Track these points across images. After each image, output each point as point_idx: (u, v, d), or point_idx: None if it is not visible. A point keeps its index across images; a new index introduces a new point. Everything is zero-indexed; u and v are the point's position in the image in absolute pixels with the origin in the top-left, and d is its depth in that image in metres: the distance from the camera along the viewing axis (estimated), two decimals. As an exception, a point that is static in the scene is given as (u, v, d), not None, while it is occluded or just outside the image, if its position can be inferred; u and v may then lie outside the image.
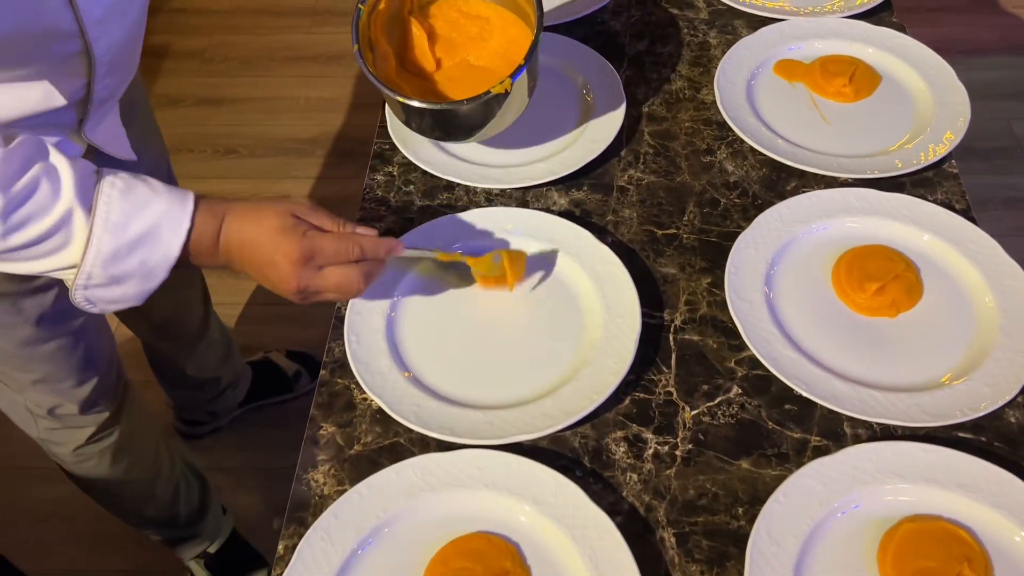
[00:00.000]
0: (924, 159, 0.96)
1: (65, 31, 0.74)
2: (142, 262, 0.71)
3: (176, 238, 0.71)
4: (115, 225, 0.69)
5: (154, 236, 0.71)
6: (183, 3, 2.53)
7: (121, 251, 0.70)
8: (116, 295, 0.72)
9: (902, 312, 0.85)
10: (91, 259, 0.69)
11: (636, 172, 1.00)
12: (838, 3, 1.17)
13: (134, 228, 0.70)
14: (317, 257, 0.74)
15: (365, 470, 0.76)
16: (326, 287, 0.75)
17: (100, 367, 1.06)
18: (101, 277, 0.70)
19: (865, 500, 0.72)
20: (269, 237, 0.74)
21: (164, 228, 0.71)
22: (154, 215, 0.71)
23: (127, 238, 0.70)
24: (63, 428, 1.09)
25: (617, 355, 0.81)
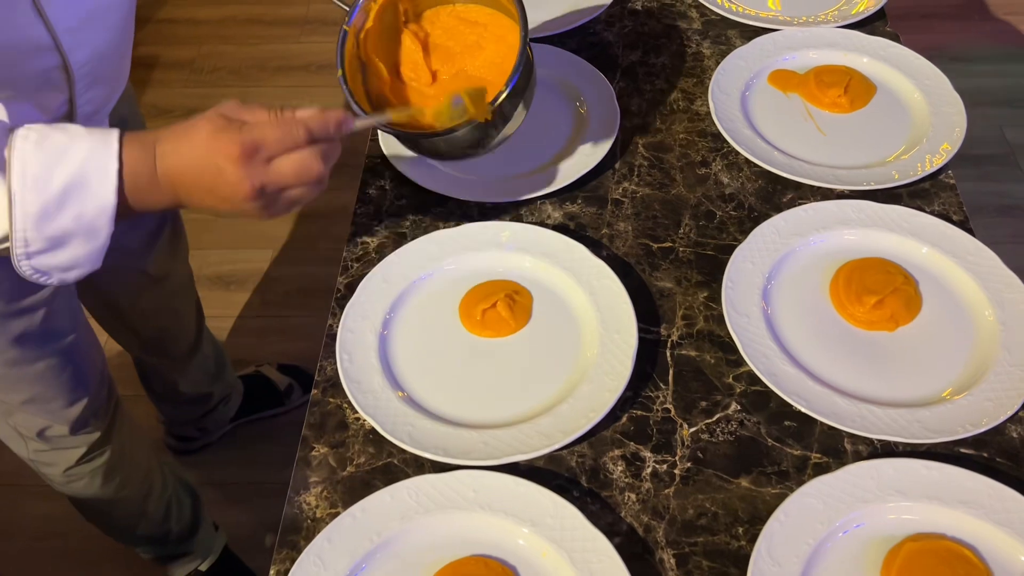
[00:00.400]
0: (921, 170, 0.95)
1: (38, 43, 0.72)
2: (78, 216, 0.64)
3: (107, 182, 0.64)
4: (35, 179, 0.63)
5: (82, 185, 0.64)
6: (171, 13, 2.51)
7: (50, 207, 0.63)
8: (64, 260, 0.66)
9: (901, 326, 0.84)
10: (20, 222, 0.63)
11: (631, 185, 0.99)
12: (832, 12, 1.17)
13: (57, 179, 0.63)
14: (262, 149, 0.66)
15: (358, 492, 0.75)
16: (283, 178, 0.67)
17: (90, 386, 1.04)
18: (39, 241, 0.64)
19: (867, 519, 0.71)
20: (205, 146, 0.66)
21: (92, 173, 0.64)
22: (76, 161, 0.64)
23: (52, 191, 0.63)
24: (53, 449, 1.07)
25: (614, 372, 0.80)
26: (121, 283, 1.15)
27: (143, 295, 1.20)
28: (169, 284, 1.23)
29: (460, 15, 0.96)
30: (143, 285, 1.19)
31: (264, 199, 0.68)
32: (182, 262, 1.27)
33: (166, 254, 1.20)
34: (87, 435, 1.08)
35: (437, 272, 0.89)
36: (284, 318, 1.80)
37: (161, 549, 1.33)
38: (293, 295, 1.83)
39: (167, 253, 1.20)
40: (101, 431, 1.09)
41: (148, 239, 1.15)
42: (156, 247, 1.16)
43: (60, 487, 1.14)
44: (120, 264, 1.11)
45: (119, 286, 1.15)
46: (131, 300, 1.20)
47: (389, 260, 0.90)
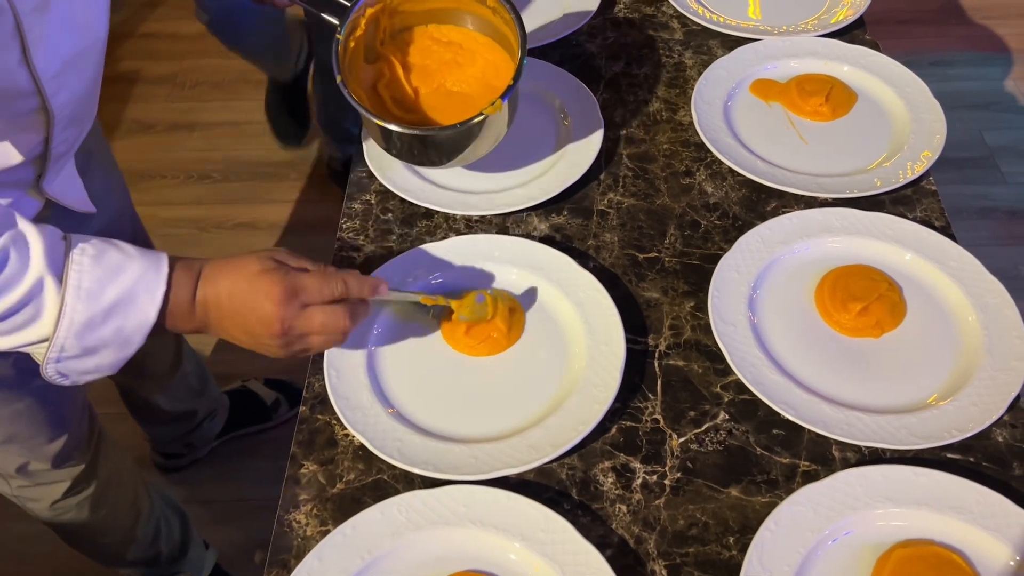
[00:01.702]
0: (903, 177, 0.96)
1: (22, 89, 0.72)
2: (117, 330, 0.67)
3: (152, 302, 0.68)
4: (88, 293, 0.66)
5: (129, 302, 0.67)
6: (152, 28, 2.50)
7: (95, 320, 0.66)
8: (90, 366, 0.69)
9: (886, 332, 0.85)
10: (64, 330, 0.65)
11: (616, 196, 1.00)
12: (812, 22, 1.18)
13: (108, 295, 0.66)
14: (301, 294, 0.71)
15: (348, 509, 0.75)
16: (311, 327, 0.72)
17: (71, 421, 1.03)
18: (75, 348, 0.67)
19: (856, 526, 0.71)
20: (249, 280, 0.71)
21: (140, 292, 0.68)
22: (128, 280, 0.67)
23: (101, 306, 0.66)
24: (36, 485, 1.06)
25: (602, 383, 0.80)
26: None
27: None
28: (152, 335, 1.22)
29: (433, 35, 0.98)
30: None
31: (287, 339, 0.72)
32: None
33: None
34: (71, 468, 1.06)
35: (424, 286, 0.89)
36: (270, 332, 1.79)
37: (151, 571, 1.32)
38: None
39: None
40: (85, 463, 1.08)
41: None
42: None
43: (47, 519, 1.12)
44: None
45: None
46: None
47: (375, 275, 0.89)
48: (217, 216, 2.02)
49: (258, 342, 0.73)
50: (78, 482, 1.08)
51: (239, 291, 0.71)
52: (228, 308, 0.71)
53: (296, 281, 0.71)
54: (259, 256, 0.72)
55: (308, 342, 0.73)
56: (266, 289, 0.70)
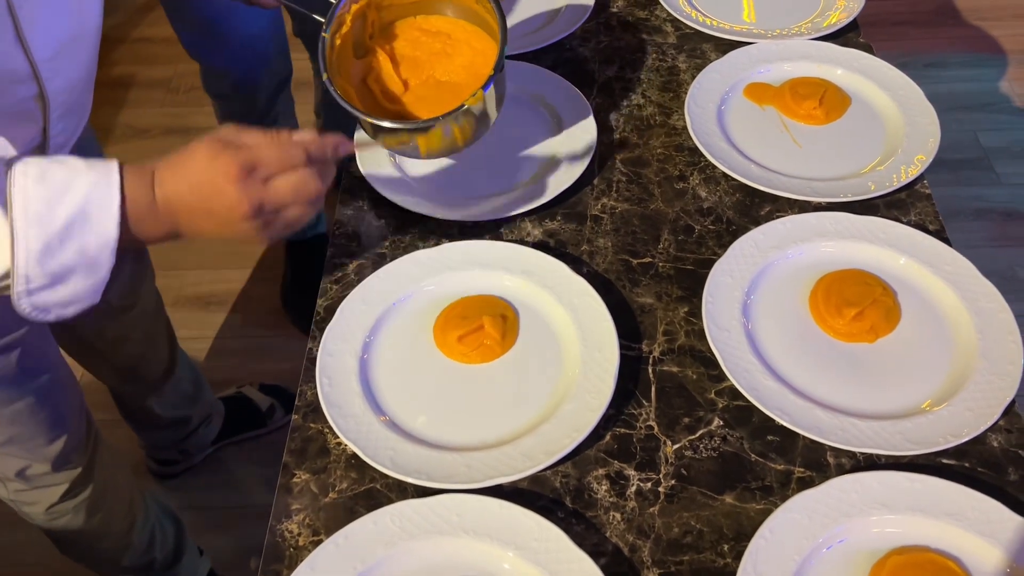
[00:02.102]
0: (897, 181, 0.96)
1: (18, 73, 0.71)
2: (80, 251, 0.63)
3: (109, 216, 0.64)
4: (37, 215, 0.61)
5: (85, 219, 0.63)
6: (147, 32, 2.50)
7: (53, 243, 0.62)
8: (65, 295, 0.65)
9: (881, 337, 0.84)
10: (22, 259, 0.62)
11: (609, 200, 0.99)
12: (805, 25, 1.18)
13: (60, 215, 0.62)
14: (260, 168, 0.67)
15: (341, 519, 0.74)
16: (280, 197, 0.68)
17: (70, 422, 1.03)
18: (41, 277, 0.63)
19: (851, 533, 0.71)
20: (203, 168, 0.66)
21: (94, 207, 0.63)
22: (79, 196, 0.63)
23: (55, 227, 0.62)
24: (33, 488, 1.05)
25: (596, 390, 0.80)
26: (87, 315, 1.14)
27: (110, 325, 1.19)
28: (136, 311, 1.22)
29: (422, 26, 0.97)
30: (109, 315, 1.17)
31: (262, 218, 0.68)
32: (148, 288, 1.25)
33: (130, 281, 1.18)
34: (69, 471, 1.06)
35: (417, 293, 0.89)
36: (265, 338, 1.79)
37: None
38: (274, 314, 1.82)
39: (131, 280, 1.19)
40: (83, 466, 1.08)
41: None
42: (119, 276, 1.15)
43: (42, 524, 1.12)
44: None
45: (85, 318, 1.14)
46: (99, 331, 1.18)
47: (368, 282, 0.89)
48: (211, 221, 2.01)
49: (234, 228, 0.68)
50: (75, 485, 1.08)
51: (198, 182, 0.66)
52: (192, 203, 0.67)
53: (252, 155, 0.67)
54: (204, 142, 0.67)
55: (284, 216, 0.69)
56: (223, 170, 0.66)
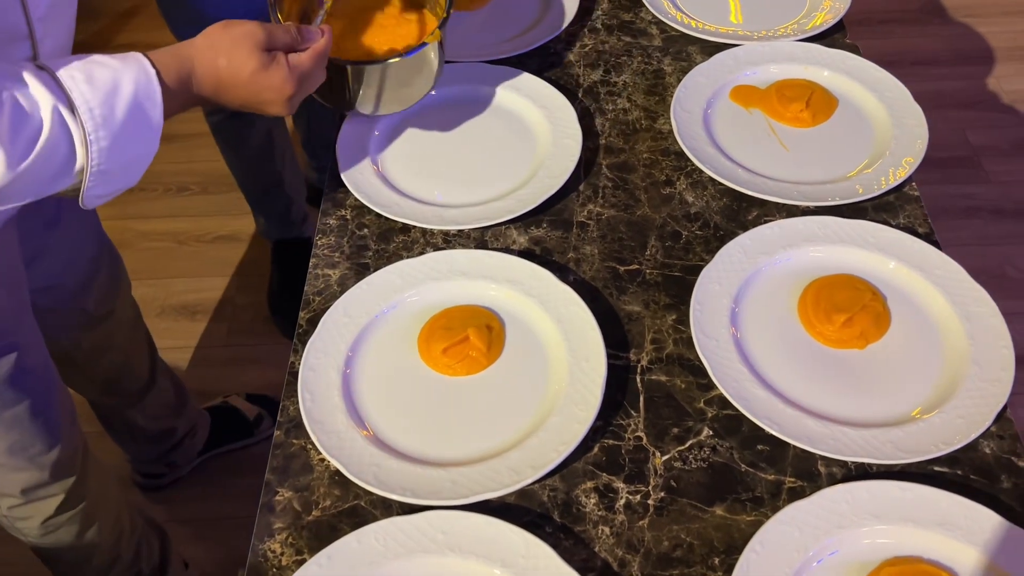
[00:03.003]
0: (885, 184, 0.95)
1: (15, 31, 0.72)
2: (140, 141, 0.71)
3: (156, 108, 0.71)
4: (103, 118, 0.68)
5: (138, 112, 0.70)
6: (129, 39, 2.48)
7: (118, 140, 0.69)
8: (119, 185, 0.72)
9: (871, 343, 0.83)
10: (95, 157, 0.68)
11: (595, 207, 0.98)
12: (791, 26, 1.17)
13: (119, 113, 0.69)
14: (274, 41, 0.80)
15: (325, 537, 0.73)
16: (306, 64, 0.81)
17: (64, 430, 1.02)
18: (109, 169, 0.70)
19: (843, 545, 0.70)
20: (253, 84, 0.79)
21: (143, 100, 0.70)
22: (128, 91, 0.69)
23: (117, 125, 0.69)
24: (30, 503, 1.04)
25: (584, 401, 0.79)
26: (65, 325, 1.13)
27: (88, 335, 1.18)
28: (113, 321, 1.21)
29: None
30: (86, 324, 1.17)
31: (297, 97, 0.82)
32: (124, 297, 1.24)
33: (106, 290, 1.18)
34: (64, 481, 1.05)
35: (401, 304, 0.88)
36: (252, 347, 1.77)
37: (130, 591, 1.29)
38: (260, 323, 1.80)
39: (107, 289, 1.18)
40: (76, 476, 1.07)
41: (86, 277, 1.13)
42: (95, 284, 1.14)
43: (35, 540, 1.10)
44: (61, 306, 1.09)
45: (63, 329, 1.13)
46: (77, 342, 1.17)
47: (351, 293, 0.88)
48: (196, 229, 1.99)
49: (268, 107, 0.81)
50: (70, 496, 1.07)
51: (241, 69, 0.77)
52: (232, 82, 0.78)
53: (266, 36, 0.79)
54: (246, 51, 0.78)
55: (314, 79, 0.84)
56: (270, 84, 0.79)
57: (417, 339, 0.85)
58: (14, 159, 0.64)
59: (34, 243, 0.99)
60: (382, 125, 1.06)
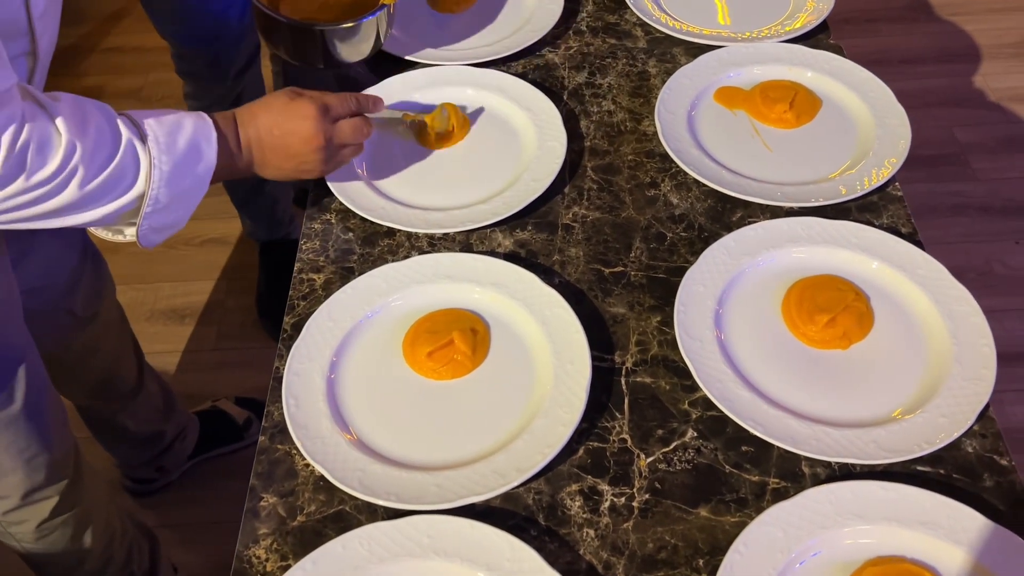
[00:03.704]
0: (868, 184, 0.96)
1: (17, 26, 0.74)
2: (194, 176, 0.79)
3: (211, 147, 0.81)
4: (167, 146, 0.77)
5: (196, 148, 0.79)
6: (117, 42, 2.47)
7: (179, 168, 0.77)
8: (171, 219, 0.80)
9: (854, 343, 0.84)
10: (156, 181, 0.76)
11: (580, 209, 0.98)
12: (775, 27, 1.17)
13: (180, 145, 0.78)
14: (331, 110, 0.89)
15: (309, 543, 0.73)
16: (343, 135, 0.90)
17: (59, 431, 1.03)
18: (166, 198, 0.77)
19: (826, 545, 0.70)
20: (283, 110, 0.86)
21: (200, 139, 0.80)
22: (189, 130, 0.79)
23: (178, 155, 0.77)
24: (25, 506, 1.04)
25: (568, 404, 0.79)
26: (51, 326, 1.13)
27: (75, 338, 1.18)
28: (99, 323, 1.21)
29: None
30: (73, 327, 1.17)
31: (328, 152, 0.90)
32: (109, 299, 1.25)
33: (91, 291, 1.18)
34: (59, 484, 1.05)
35: (385, 308, 0.88)
36: (241, 350, 1.77)
37: (120, 596, 1.29)
38: (249, 326, 1.80)
39: (92, 290, 1.18)
40: (69, 478, 1.07)
41: (72, 278, 1.13)
42: (80, 285, 1.15)
43: (29, 546, 1.10)
44: (48, 307, 1.09)
45: (50, 331, 1.13)
46: (64, 345, 1.17)
47: (335, 298, 0.88)
48: (185, 232, 1.96)
49: (302, 163, 0.89)
50: (65, 498, 1.07)
51: (278, 122, 0.86)
52: (271, 141, 0.86)
53: (323, 99, 0.89)
54: (282, 91, 0.88)
55: (343, 154, 0.93)
56: (303, 112, 0.87)
57: (402, 343, 0.85)
58: (87, 178, 0.73)
59: (19, 245, 0.99)
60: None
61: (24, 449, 0.98)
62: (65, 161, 0.71)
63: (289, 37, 1.03)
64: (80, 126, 0.72)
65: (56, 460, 1.03)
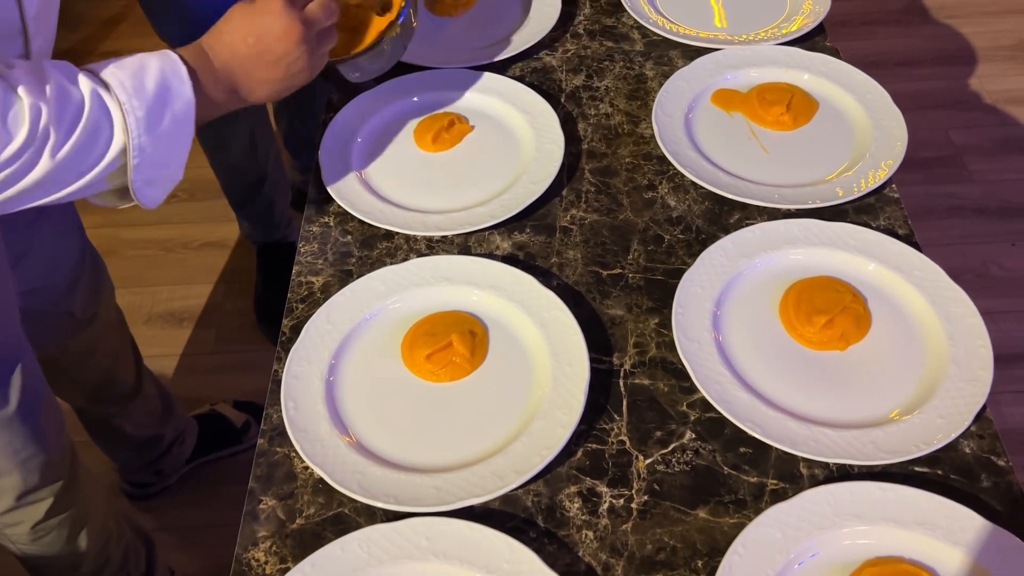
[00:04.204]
0: (864, 186, 0.96)
1: (10, 28, 0.74)
2: (172, 116, 0.73)
3: (183, 83, 0.74)
4: (135, 89, 0.71)
5: (167, 87, 0.73)
6: (114, 47, 2.47)
7: (153, 110, 0.71)
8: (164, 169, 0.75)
9: (852, 344, 0.84)
10: (134, 129, 0.70)
11: (578, 211, 0.98)
12: (772, 30, 1.17)
13: (149, 87, 0.71)
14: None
15: (309, 545, 0.73)
16: (317, 17, 0.82)
17: (53, 432, 1.03)
18: (150, 145, 0.72)
19: (824, 546, 0.70)
20: (245, 15, 0.79)
21: (169, 77, 0.73)
22: (154, 70, 0.72)
23: (150, 97, 0.71)
24: (20, 508, 1.04)
25: (567, 406, 0.79)
26: (50, 327, 1.13)
27: (74, 339, 1.19)
28: (98, 324, 1.21)
29: None
30: (71, 328, 1.17)
31: (310, 43, 0.82)
32: (107, 301, 1.25)
33: (90, 292, 1.18)
34: (53, 485, 1.05)
35: (384, 310, 0.88)
36: (239, 353, 1.77)
37: (118, 600, 1.29)
38: (247, 329, 1.80)
39: (91, 292, 1.18)
40: (64, 479, 1.07)
41: (71, 279, 1.13)
42: (79, 286, 1.15)
43: (24, 548, 1.10)
44: (47, 308, 1.09)
45: (49, 332, 1.13)
46: (63, 346, 1.18)
47: (334, 300, 0.88)
48: (183, 236, 1.99)
49: (290, 63, 0.81)
50: (59, 499, 1.07)
51: (247, 31, 0.79)
52: (247, 51, 0.79)
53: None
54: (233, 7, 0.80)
55: (325, 37, 0.85)
56: (267, 8, 0.79)
57: (401, 345, 0.85)
58: (59, 143, 0.67)
59: (18, 245, 0.99)
60: (365, 132, 1.06)
61: (19, 450, 0.98)
62: (33, 128, 0.66)
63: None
64: (39, 87, 0.67)
65: (52, 462, 1.03)
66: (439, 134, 1.04)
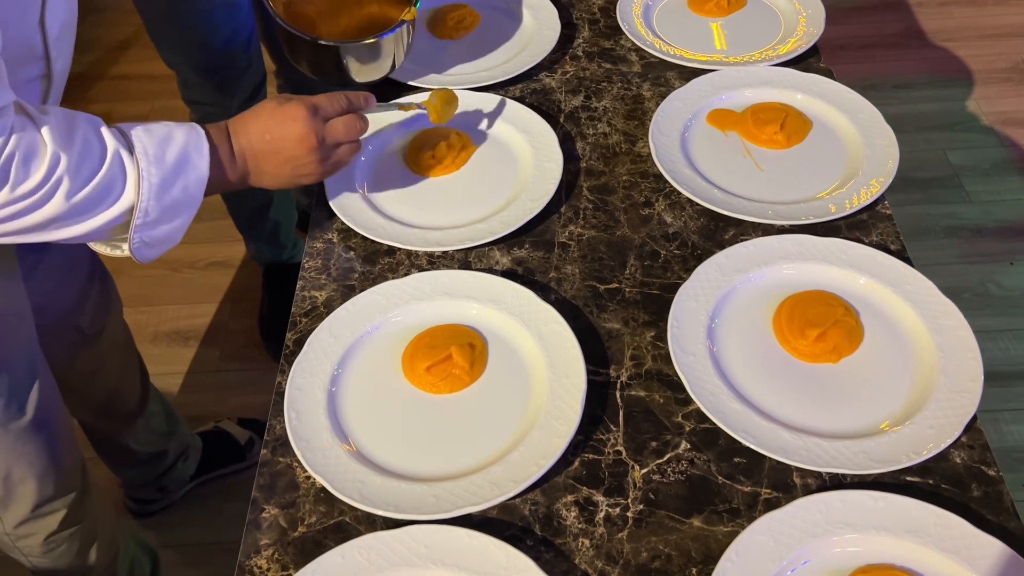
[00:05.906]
0: (857, 202, 0.98)
1: (34, 51, 0.77)
2: (184, 188, 0.78)
3: (203, 158, 0.79)
4: (155, 157, 0.76)
5: (186, 160, 0.78)
6: (124, 70, 2.51)
7: (167, 180, 0.77)
8: (165, 233, 0.79)
9: (844, 357, 0.85)
10: (145, 193, 0.75)
11: (576, 228, 1.00)
12: (767, 51, 1.20)
13: (170, 157, 0.77)
14: (320, 110, 0.87)
15: (310, 552, 0.74)
16: (337, 134, 0.88)
17: (67, 443, 1.04)
18: (155, 211, 0.76)
19: (816, 554, 0.71)
20: (272, 115, 0.85)
21: (191, 151, 0.79)
22: (179, 143, 0.78)
23: (168, 167, 0.77)
24: (34, 519, 1.06)
25: (564, 416, 0.81)
26: (58, 342, 1.15)
27: (82, 356, 1.20)
28: (105, 340, 1.23)
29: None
30: (80, 343, 1.19)
31: (323, 152, 0.88)
32: (115, 317, 1.27)
33: (98, 308, 1.20)
34: (67, 496, 1.07)
35: (385, 324, 0.90)
36: (244, 371, 1.78)
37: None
38: (252, 348, 1.82)
39: (99, 307, 1.20)
40: (77, 491, 1.09)
41: (80, 294, 1.15)
42: (88, 302, 1.17)
43: (36, 560, 1.11)
44: (56, 322, 1.11)
45: (57, 346, 1.15)
46: (72, 363, 1.19)
47: (337, 314, 0.90)
48: (189, 256, 2.01)
49: (298, 166, 0.87)
50: (72, 510, 1.08)
51: (269, 128, 0.85)
52: (263, 147, 0.85)
53: (312, 100, 0.87)
54: (270, 98, 0.88)
55: (339, 153, 0.90)
56: (291, 114, 0.85)
57: (402, 358, 0.87)
58: (73, 189, 0.72)
59: (29, 260, 1.02)
60: (368, 150, 1.09)
61: (35, 461, 1.00)
62: (50, 172, 0.70)
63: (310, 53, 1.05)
64: (66, 137, 0.71)
65: (65, 473, 1.05)
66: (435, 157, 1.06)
